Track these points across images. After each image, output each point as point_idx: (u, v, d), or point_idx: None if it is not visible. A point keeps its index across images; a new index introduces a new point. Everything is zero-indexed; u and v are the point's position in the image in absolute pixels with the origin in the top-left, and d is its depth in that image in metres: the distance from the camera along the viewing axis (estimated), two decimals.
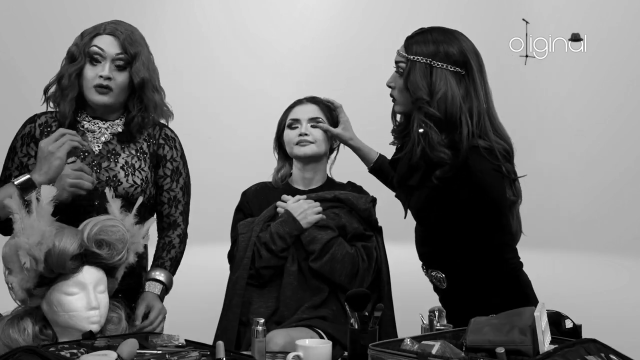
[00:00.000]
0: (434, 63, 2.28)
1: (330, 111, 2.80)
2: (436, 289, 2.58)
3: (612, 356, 1.92)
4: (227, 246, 2.74)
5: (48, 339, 2.05)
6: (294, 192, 2.76)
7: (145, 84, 2.46)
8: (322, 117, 2.76)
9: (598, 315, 3.53)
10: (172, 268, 2.56)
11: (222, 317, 2.63)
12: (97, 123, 2.51)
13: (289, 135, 2.76)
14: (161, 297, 2.50)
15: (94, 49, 2.41)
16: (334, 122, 2.79)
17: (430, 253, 2.48)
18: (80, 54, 2.41)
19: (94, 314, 2.05)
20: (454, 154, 2.24)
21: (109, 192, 2.21)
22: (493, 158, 2.29)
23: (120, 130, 2.52)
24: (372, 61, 5.06)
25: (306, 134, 2.72)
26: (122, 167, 2.47)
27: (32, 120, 2.53)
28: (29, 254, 1.97)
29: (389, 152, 4.58)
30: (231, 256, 2.72)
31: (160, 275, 2.51)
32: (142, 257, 2.53)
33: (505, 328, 1.96)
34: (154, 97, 2.49)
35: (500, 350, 1.87)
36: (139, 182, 2.48)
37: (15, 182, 2.16)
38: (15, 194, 2.06)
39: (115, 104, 2.49)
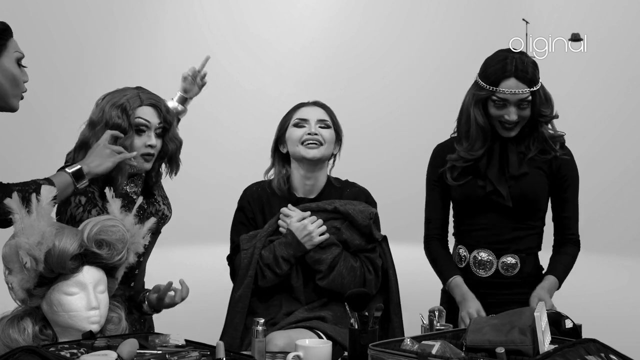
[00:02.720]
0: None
1: (335, 117, 2.75)
2: (483, 284, 2.67)
3: (612, 356, 1.92)
4: (227, 246, 2.72)
5: (48, 339, 2.05)
6: (294, 200, 2.69)
7: (178, 149, 2.65)
8: (330, 121, 2.73)
9: (598, 315, 3.53)
10: None
11: (224, 333, 2.57)
12: (125, 188, 2.59)
13: (295, 133, 2.67)
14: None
15: (140, 120, 2.53)
16: (338, 129, 2.75)
17: (517, 239, 2.68)
18: (130, 127, 2.51)
19: (94, 314, 2.05)
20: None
21: (109, 192, 2.21)
22: None
23: (141, 188, 2.64)
24: (372, 61, 5.06)
25: (315, 134, 2.65)
26: (163, 203, 2.68)
27: None
28: (29, 254, 1.97)
29: (385, 150, 4.55)
30: (231, 261, 2.69)
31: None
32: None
33: (505, 328, 1.96)
34: (179, 158, 2.67)
35: (500, 350, 1.87)
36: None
37: (69, 171, 2.27)
38: (15, 195, 2.06)
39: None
